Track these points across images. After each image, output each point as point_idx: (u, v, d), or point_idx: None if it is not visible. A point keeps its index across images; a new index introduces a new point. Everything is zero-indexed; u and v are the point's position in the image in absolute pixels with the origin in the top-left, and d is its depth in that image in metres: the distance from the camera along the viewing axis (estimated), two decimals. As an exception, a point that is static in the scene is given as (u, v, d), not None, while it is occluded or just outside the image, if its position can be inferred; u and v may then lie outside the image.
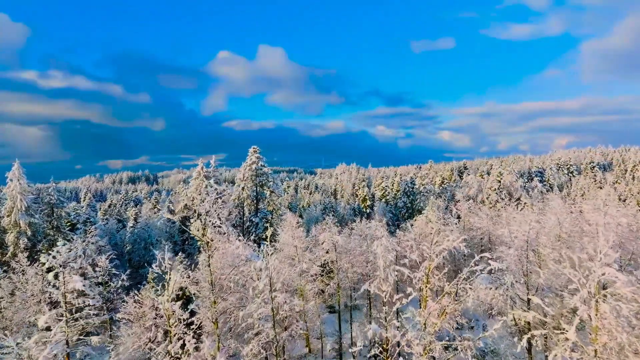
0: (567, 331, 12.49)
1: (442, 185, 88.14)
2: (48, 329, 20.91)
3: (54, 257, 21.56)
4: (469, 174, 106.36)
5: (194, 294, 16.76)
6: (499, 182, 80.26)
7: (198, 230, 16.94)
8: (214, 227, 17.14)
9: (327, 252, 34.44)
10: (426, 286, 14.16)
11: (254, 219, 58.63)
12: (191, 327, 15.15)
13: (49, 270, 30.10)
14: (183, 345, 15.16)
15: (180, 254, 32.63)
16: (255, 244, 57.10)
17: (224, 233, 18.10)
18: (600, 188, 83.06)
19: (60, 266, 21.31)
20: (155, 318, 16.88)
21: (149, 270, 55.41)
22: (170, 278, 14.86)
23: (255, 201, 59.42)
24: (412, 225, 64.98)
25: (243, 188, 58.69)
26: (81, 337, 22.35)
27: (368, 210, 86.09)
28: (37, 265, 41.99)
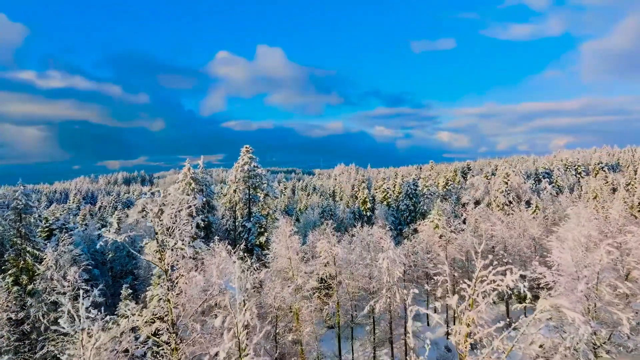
0: None
1: (446, 187, 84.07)
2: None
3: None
4: (473, 175, 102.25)
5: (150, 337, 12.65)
6: (506, 183, 76.20)
7: (155, 253, 12.83)
8: (174, 249, 12.97)
9: (325, 265, 30.26)
10: (466, 341, 10.11)
11: (246, 224, 54.42)
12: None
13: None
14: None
15: (157, 268, 28.41)
16: (247, 253, 52.95)
17: (193, 257, 13.99)
18: (614, 190, 79.05)
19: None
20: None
21: (130, 280, 51.08)
22: (86, 340, 10.71)
23: (247, 205, 55.23)
24: (415, 230, 60.83)
25: (235, 190, 54.47)
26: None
27: (368, 214, 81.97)
28: (2, 278, 37.79)
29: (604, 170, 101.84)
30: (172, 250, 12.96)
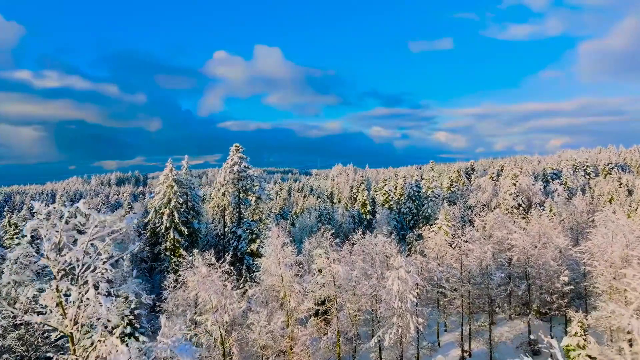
0: None
1: (451, 188, 79.53)
2: None
3: None
4: (478, 176, 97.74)
5: None
6: (515, 185, 71.69)
7: (54, 308, 8.12)
8: (83, 301, 8.28)
9: (323, 286, 25.53)
10: None
11: (236, 231, 49.64)
12: None
13: None
14: None
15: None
16: (238, 262, 48.16)
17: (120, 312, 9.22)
18: (630, 192, 74.85)
19: None
20: None
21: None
22: None
23: (237, 209, 50.45)
24: (420, 235, 56.10)
25: (223, 194, 49.70)
26: None
27: (369, 217, 77.31)
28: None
29: (616, 172, 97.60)
30: (80, 302, 8.32)
